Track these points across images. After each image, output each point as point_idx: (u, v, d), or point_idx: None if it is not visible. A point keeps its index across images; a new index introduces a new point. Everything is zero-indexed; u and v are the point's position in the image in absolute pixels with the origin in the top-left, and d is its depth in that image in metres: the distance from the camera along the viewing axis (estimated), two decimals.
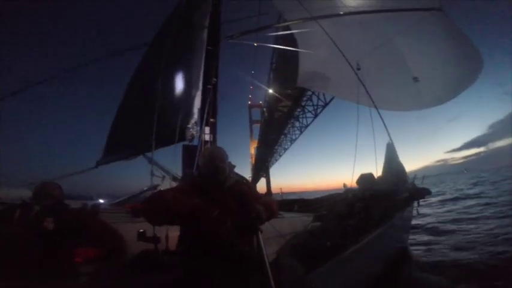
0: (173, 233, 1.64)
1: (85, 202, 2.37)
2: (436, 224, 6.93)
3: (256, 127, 30.35)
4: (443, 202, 11.31)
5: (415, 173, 5.35)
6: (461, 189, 17.92)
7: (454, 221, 7.22)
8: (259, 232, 1.31)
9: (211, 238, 1.35)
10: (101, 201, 3.22)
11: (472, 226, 6.36)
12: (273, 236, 2.61)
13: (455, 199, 12.15)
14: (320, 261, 2.11)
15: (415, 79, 5.58)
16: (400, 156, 4.72)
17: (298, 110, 18.57)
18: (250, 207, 1.36)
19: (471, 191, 15.31)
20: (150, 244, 1.74)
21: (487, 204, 9.21)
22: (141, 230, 1.71)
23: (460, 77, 5.89)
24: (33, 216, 1.68)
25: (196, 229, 1.37)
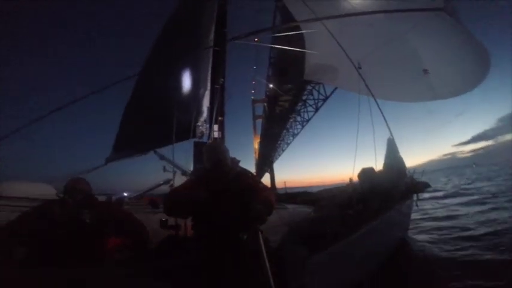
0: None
1: (110, 196, 2.57)
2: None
3: (260, 122, 30.33)
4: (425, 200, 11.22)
5: (422, 167, 5.48)
6: (458, 185, 17.77)
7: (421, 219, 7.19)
8: (259, 232, 1.39)
9: (214, 230, 1.51)
10: (125, 194, 3.45)
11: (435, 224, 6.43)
12: (277, 224, 2.83)
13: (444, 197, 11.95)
14: (319, 247, 2.29)
15: (425, 71, 5.59)
16: (406, 151, 4.86)
17: (300, 104, 18.62)
18: (251, 207, 1.43)
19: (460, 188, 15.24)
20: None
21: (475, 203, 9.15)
22: (164, 219, 1.92)
23: (464, 76, 5.89)
24: (69, 210, 1.83)
25: (203, 221, 1.57)
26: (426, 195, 5.02)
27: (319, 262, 2.20)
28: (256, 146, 32.51)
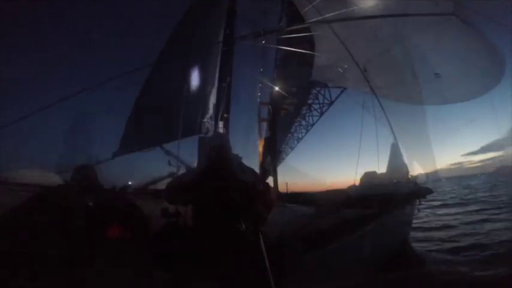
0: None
1: (114, 184, 2.63)
2: None
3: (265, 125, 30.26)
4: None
5: (428, 175, 5.49)
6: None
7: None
8: (260, 232, 1.43)
9: (213, 220, 1.55)
10: (129, 183, 3.53)
11: None
12: (277, 222, 2.86)
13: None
14: (318, 246, 2.32)
15: (437, 75, 5.55)
16: (410, 157, 4.88)
17: (305, 108, 18.60)
18: (252, 206, 1.46)
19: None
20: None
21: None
22: (165, 208, 1.97)
23: (476, 80, 5.81)
24: (74, 195, 1.90)
25: (202, 212, 1.61)
26: (424, 203, 5.02)
27: (317, 260, 2.23)
28: (261, 148, 32.33)
